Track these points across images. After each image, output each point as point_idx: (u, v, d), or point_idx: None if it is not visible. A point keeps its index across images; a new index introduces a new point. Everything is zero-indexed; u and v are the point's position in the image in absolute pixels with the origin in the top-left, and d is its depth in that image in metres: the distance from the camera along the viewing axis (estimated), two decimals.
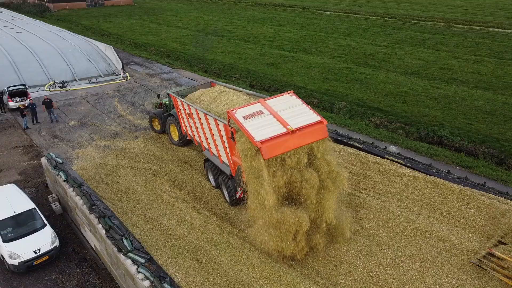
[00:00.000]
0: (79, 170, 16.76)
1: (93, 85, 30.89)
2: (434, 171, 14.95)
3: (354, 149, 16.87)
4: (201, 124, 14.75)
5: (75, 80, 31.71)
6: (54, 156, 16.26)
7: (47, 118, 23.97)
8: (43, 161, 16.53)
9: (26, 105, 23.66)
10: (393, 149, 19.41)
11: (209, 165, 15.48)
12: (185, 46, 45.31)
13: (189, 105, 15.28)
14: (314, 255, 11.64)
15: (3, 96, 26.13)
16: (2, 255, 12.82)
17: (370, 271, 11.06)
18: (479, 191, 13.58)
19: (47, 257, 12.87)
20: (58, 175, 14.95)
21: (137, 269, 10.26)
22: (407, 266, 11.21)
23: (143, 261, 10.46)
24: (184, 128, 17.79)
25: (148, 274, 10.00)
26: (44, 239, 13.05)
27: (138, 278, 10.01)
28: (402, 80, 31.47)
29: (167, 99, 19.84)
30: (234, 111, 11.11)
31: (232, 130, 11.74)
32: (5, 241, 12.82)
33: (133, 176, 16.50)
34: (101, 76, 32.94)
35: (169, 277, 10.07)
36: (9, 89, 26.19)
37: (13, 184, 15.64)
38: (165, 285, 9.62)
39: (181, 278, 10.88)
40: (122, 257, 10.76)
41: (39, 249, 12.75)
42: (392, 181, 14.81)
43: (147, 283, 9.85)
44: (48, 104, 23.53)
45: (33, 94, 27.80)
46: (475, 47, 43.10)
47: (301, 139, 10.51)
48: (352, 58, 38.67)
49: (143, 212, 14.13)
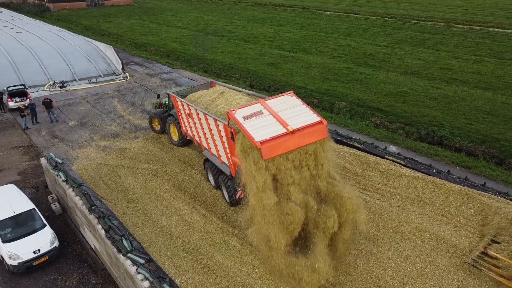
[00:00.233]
0: (78, 170, 16.73)
1: (93, 85, 30.88)
2: (434, 171, 14.94)
3: (354, 149, 16.87)
4: (201, 124, 14.73)
5: (75, 80, 31.70)
6: (53, 156, 16.24)
7: (47, 118, 23.97)
8: (43, 161, 16.52)
9: (26, 105, 23.65)
10: (393, 149, 19.39)
11: (209, 165, 15.45)
12: (185, 46, 45.30)
13: (189, 105, 15.25)
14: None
15: (3, 96, 26.12)
16: (1, 256, 12.81)
17: (370, 272, 11.05)
18: (479, 192, 13.57)
19: (47, 257, 12.86)
20: (57, 176, 14.93)
21: (137, 269, 10.26)
22: (407, 266, 11.19)
23: (142, 261, 10.45)
24: (184, 128, 17.77)
25: (147, 274, 10.00)
26: (43, 240, 13.04)
27: (137, 278, 10.01)
28: (402, 80, 31.46)
29: (167, 99, 19.81)
30: (234, 112, 11.09)
31: (232, 130, 11.72)
32: (4, 242, 12.81)
33: (133, 176, 16.48)
34: (101, 76, 32.92)
35: (168, 277, 10.07)
36: (9, 89, 26.16)
37: (12, 184, 15.64)
38: (165, 285, 9.62)
39: (180, 278, 10.87)
40: (121, 257, 10.76)
41: (39, 250, 12.74)
42: (392, 181, 14.80)
43: (146, 283, 9.84)
44: (48, 104, 23.53)
45: (33, 94, 27.79)
46: (475, 47, 43.09)
47: (301, 139, 10.50)
48: (352, 58, 38.65)
49: (143, 212, 14.10)
